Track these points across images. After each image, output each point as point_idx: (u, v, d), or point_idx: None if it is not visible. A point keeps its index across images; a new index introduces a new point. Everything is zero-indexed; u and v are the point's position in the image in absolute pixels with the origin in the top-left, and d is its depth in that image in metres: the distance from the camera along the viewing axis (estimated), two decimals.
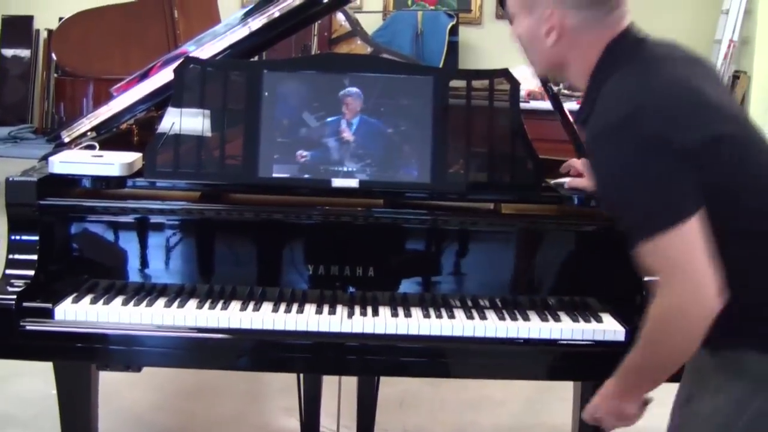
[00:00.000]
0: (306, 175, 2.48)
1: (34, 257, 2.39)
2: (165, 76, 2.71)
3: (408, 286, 2.49)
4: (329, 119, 2.50)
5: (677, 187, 1.80)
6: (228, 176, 2.48)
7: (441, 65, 8.87)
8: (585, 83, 2.01)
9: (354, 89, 2.51)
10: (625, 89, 1.87)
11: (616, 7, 1.97)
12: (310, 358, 2.38)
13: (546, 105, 2.91)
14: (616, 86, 1.89)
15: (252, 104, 2.49)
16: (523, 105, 2.56)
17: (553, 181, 2.50)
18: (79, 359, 2.53)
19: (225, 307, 2.38)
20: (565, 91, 7.65)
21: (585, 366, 2.38)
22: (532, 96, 6.69)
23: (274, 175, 2.47)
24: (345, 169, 2.48)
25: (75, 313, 2.34)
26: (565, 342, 2.36)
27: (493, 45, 9.52)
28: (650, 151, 1.79)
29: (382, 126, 2.50)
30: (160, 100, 2.74)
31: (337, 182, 2.48)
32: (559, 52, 2.00)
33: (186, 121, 2.48)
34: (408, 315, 2.37)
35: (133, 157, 2.52)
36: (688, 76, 1.91)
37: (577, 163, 2.52)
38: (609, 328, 2.35)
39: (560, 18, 1.95)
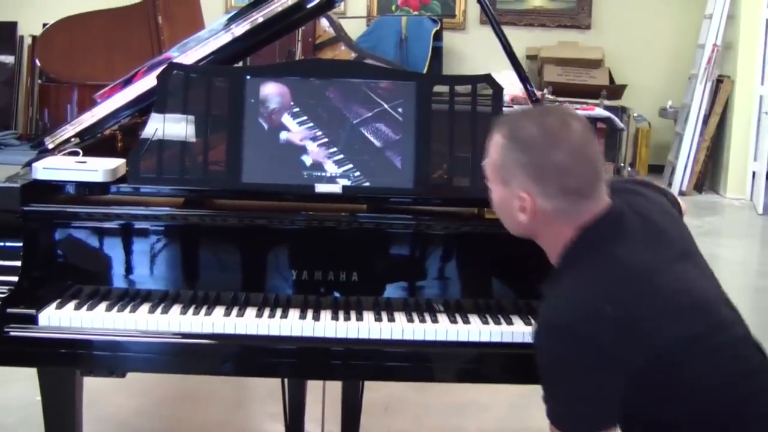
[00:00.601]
0: (289, 181, 2.47)
1: (18, 263, 2.38)
2: (149, 82, 2.71)
3: (392, 290, 2.48)
4: (312, 124, 2.51)
5: (603, 403, 1.89)
6: (212, 182, 2.47)
7: (425, 70, 8.91)
8: (555, 261, 2.06)
9: (337, 95, 2.51)
10: (581, 292, 1.92)
11: (590, 196, 1.99)
12: (295, 363, 2.37)
13: None
14: (573, 285, 1.94)
15: (235, 110, 2.49)
16: (506, 110, 2.53)
17: None
18: (63, 365, 2.52)
19: (209, 313, 2.36)
20: (549, 96, 7.73)
21: None
22: (515, 101, 6.76)
23: (258, 180, 2.46)
24: (328, 174, 2.48)
25: (59, 318, 2.33)
26: None
27: (477, 50, 9.59)
28: (589, 361, 1.86)
29: (365, 131, 2.50)
30: (144, 106, 2.74)
31: (321, 188, 2.47)
32: (531, 227, 2.04)
33: (169, 126, 2.48)
34: (392, 320, 2.37)
35: (117, 163, 2.51)
36: (652, 270, 1.95)
37: None
38: None
39: (533, 200, 1.98)
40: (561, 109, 2.06)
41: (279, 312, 2.38)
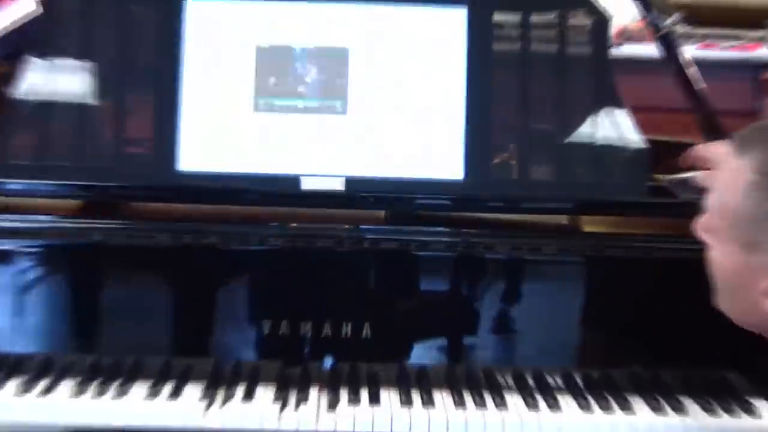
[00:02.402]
0: (258, 172, 1.91)
1: None
2: (19, 9, 2.26)
3: (425, 353, 1.91)
4: (300, 82, 1.94)
5: None
6: (127, 172, 1.93)
7: None
8: None
9: (340, 31, 1.92)
10: None
11: None
12: None
13: (650, 51, 2.29)
14: None
15: (166, 55, 1.92)
16: (614, 52, 2.02)
17: (668, 178, 1.93)
18: None
19: (121, 394, 1.76)
20: (679, 27, 7.06)
21: None
22: (626, 36, 6.08)
23: (204, 170, 1.90)
24: (323, 161, 1.92)
25: None
26: None
27: None
28: None
29: (384, 92, 1.93)
30: (12, 50, 2.20)
31: (310, 183, 1.92)
32: None
33: (55, 82, 1.93)
34: (429, 403, 1.77)
35: None
36: None
37: (707, 150, 1.87)
38: None
39: None
40: None
41: (239, 392, 1.78)
